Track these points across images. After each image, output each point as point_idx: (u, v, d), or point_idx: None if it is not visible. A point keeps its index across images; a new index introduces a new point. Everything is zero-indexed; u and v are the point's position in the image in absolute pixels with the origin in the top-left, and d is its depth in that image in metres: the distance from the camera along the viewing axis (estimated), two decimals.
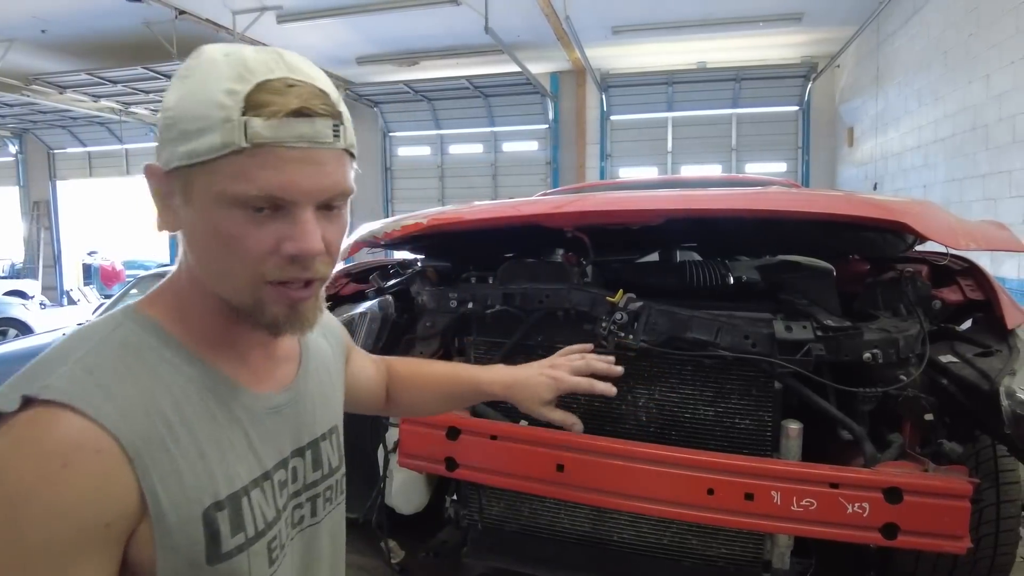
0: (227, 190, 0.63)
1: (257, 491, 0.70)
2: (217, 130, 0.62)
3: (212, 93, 0.63)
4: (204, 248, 0.67)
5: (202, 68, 0.65)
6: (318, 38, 9.58)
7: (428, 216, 1.73)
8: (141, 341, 0.67)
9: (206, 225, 0.65)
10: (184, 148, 0.63)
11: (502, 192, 11.91)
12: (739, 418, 1.67)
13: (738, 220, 1.83)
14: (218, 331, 0.71)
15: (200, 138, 0.62)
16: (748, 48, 9.92)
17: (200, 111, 0.62)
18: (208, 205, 0.64)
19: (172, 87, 0.66)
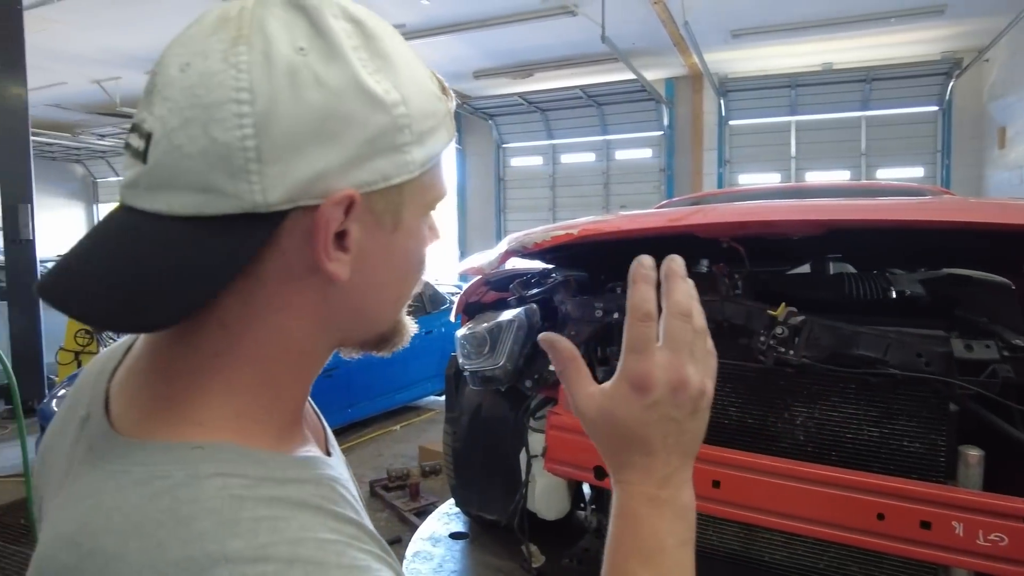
0: (437, 194, 0.52)
1: None
2: (443, 126, 0.50)
3: (424, 79, 0.49)
4: (392, 279, 0.52)
5: (390, 39, 0.47)
6: (438, 55, 9.94)
7: (579, 226, 1.76)
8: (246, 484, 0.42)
9: (408, 244, 0.51)
10: (421, 153, 0.47)
11: (614, 200, 11.85)
12: (908, 441, 1.58)
13: (898, 231, 1.73)
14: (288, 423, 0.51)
15: (434, 137, 0.48)
16: (880, 46, 9.34)
17: (429, 105, 0.48)
18: (417, 219, 0.50)
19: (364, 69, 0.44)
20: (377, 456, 5.16)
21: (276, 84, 0.41)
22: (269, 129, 0.40)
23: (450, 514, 2.57)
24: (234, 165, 0.40)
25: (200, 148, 0.40)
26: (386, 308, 0.53)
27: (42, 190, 7.81)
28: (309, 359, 0.50)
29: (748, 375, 1.72)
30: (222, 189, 0.41)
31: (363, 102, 0.43)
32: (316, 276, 0.46)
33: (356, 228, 0.45)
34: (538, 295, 2.10)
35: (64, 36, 8.82)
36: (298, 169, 0.42)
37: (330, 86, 0.42)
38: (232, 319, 0.45)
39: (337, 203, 0.43)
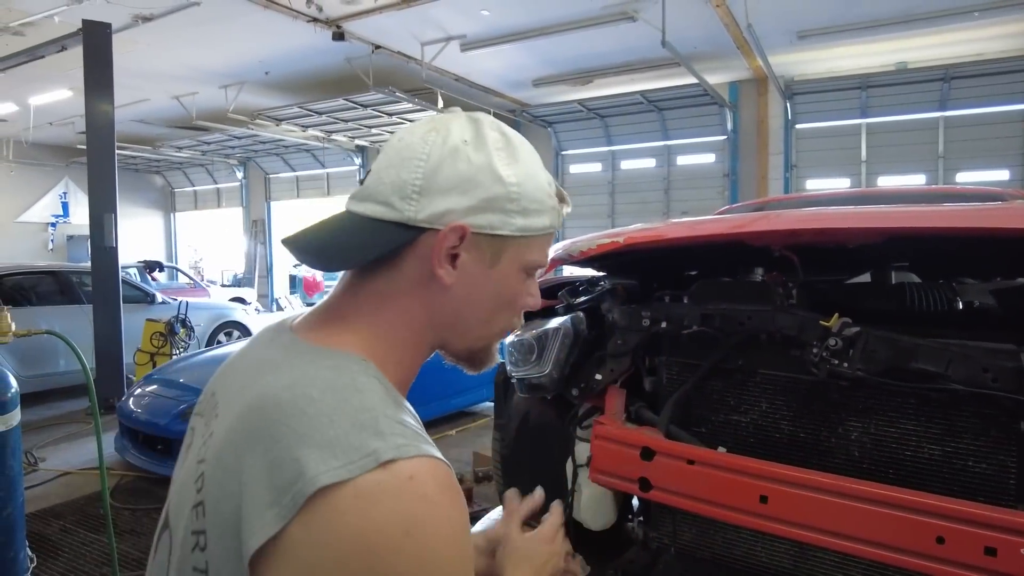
0: (534, 260, 0.75)
1: None
2: (547, 214, 0.74)
3: (542, 180, 0.74)
4: (487, 302, 0.75)
5: (525, 150, 0.74)
6: (497, 63, 10.03)
7: (625, 234, 1.74)
8: (390, 396, 0.68)
9: (500, 284, 0.74)
10: (522, 222, 0.72)
11: (675, 207, 11.66)
12: (973, 461, 1.49)
13: (967, 238, 1.64)
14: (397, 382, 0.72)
15: (537, 217, 0.73)
16: (960, 42, 8.87)
17: (539, 196, 0.73)
18: (513, 269, 0.74)
19: (499, 161, 0.70)
20: None
21: (444, 155, 0.69)
22: (432, 177, 0.68)
23: (499, 520, 2.57)
24: (405, 192, 0.68)
25: (391, 179, 0.69)
26: (476, 326, 0.76)
27: (124, 200, 8.29)
28: (418, 342, 0.74)
29: (800, 388, 1.67)
30: (394, 205, 0.69)
31: (491, 177, 0.70)
32: (432, 282, 0.71)
33: (465, 256, 0.70)
34: (586, 303, 2.09)
35: (148, 55, 9.34)
36: (440, 204, 0.68)
37: (475, 163, 0.69)
38: (381, 292, 0.72)
39: (453, 229, 0.68)
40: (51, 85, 10.73)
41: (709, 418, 1.79)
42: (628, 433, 1.73)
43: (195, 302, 7.28)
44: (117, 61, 6.26)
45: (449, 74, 10.37)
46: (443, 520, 0.59)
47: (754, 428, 1.71)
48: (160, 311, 6.79)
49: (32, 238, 16.84)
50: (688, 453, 1.59)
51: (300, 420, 0.59)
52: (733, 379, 1.75)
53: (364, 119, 12.03)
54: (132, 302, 6.65)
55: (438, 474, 0.61)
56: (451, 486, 0.61)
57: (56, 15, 7.43)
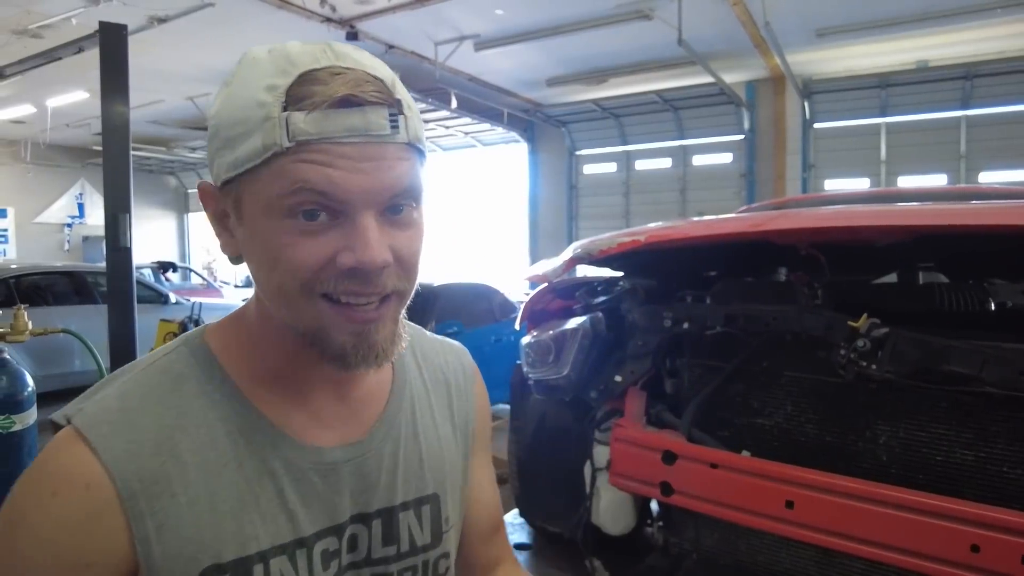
0: (271, 194, 0.54)
1: (281, 559, 0.60)
2: (258, 132, 0.53)
3: (253, 92, 0.55)
4: (258, 267, 0.59)
5: (244, 69, 0.57)
6: (511, 63, 10.01)
7: (647, 232, 1.71)
8: (185, 371, 0.61)
9: (257, 241, 0.57)
10: (229, 158, 0.56)
11: (691, 207, 11.57)
12: (1008, 466, 1.44)
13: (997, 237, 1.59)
14: (279, 367, 0.63)
15: (243, 144, 0.54)
16: (981, 40, 8.71)
17: (240, 114, 0.55)
18: (257, 217, 0.56)
19: (216, 96, 0.58)
20: None
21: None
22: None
23: (514, 524, 2.55)
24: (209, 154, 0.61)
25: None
26: (278, 296, 0.59)
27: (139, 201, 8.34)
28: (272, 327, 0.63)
29: (827, 390, 1.62)
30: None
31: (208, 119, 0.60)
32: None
33: (231, 219, 0.60)
34: (604, 303, 2.05)
35: (163, 57, 9.40)
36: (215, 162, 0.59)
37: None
38: None
39: (202, 193, 0.62)
40: (68, 87, 10.83)
41: (732, 421, 1.75)
42: (649, 436, 1.70)
43: (208, 303, 7.31)
44: (133, 62, 6.27)
45: (463, 74, 10.36)
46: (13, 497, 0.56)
47: (779, 432, 1.67)
48: (173, 311, 6.83)
49: (49, 239, 17.02)
50: (711, 457, 1.56)
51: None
52: (757, 381, 1.70)
53: None
54: (146, 302, 6.69)
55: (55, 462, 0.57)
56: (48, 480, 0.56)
57: (73, 17, 7.49)
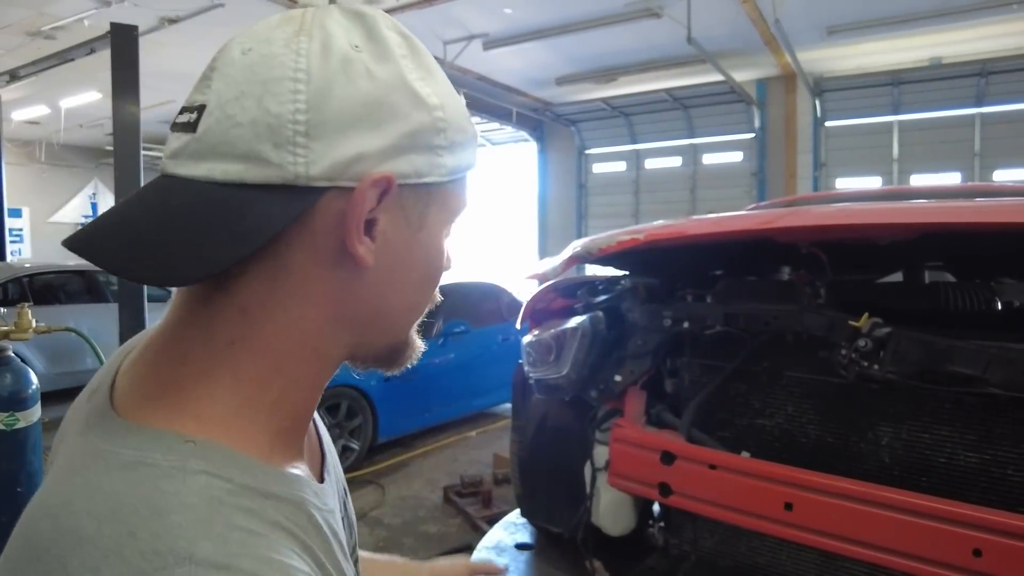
0: (460, 207, 0.54)
1: None
2: (471, 146, 0.53)
3: (459, 99, 0.52)
4: (409, 280, 0.52)
5: (431, 58, 0.51)
6: (520, 62, 10.00)
7: (646, 231, 1.69)
8: (229, 488, 0.42)
9: (427, 251, 0.52)
10: (452, 162, 0.50)
11: (701, 206, 11.52)
12: (1012, 469, 1.41)
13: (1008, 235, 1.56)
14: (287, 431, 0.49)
15: (463, 152, 0.52)
16: (997, 36, 8.60)
17: (463, 123, 0.52)
18: (439, 228, 0.53)
19: (411, 72, 0.47)
20: (453, 462, 5.21)
21: (331, 69, 0.43)
22: (321, 107, 0.42)
23: (517, 524, 2.54)
24: (282, 136, 0.42)
25: (251, 118, 0.42)
26: (401, 315, 0.54)
27: None
28: (322, 360, 0.50)
29: (828, 391, 1.60)
30: (267, 158, 0.42)
31: (408, 98, 0.46)
32: (341, 268, 0.47)
33: (384, 219, 0.47)
34: (605, 302, 2.04)
35: (174, 57, 9.46)
36: (342, 148, 0.43)
37: (380, 79, 0.45)
38: (254, 305, 0.45)
39: (375, 183, 0.45)
40: (81, 88, 10.94)
41: (733, 422, 1.73)
42: (648, 436, 1.68)
43: None
44: (144, 63, 6.34)
45: (472, 73, 10.36)
46: None
47: (779, 432, 1.65)
48: None
49: (63, 238, 17.21)
50: (710, 458, 1.54)
51: (73, 558, 0.37)
52: (758, 381, 1.68)
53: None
54: (156, 301, 6.74)
55: None
56: None
57: (86, 19, 7.56)
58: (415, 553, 3.66)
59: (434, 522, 4.15)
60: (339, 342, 0.50)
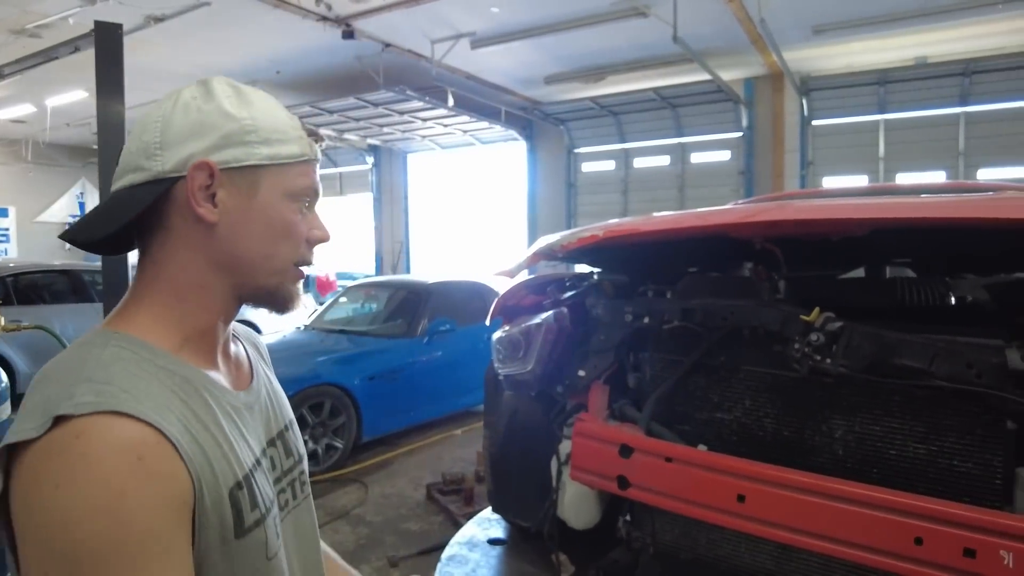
0: (296, 186, 0.81)
1: (259, 473, 0.80)
2: (294, 143, 0.81)
3: (281, 116, 0.81)
4: (260, 233, 0.79)
5: (259, 97, 0.81)
6: (508, 61, 10.01)
7: (605, 228, 1.71)
8: (133, 354, 0.71)
9: (268, 213, 0.79)
10: (268, 151, 0.78)
11: (689, 205, 11.55)
12: (958, 460, 1.44)
13: (963, 232, 1.58)
14: (203, 336, 0.80)
15: (282, 145, 0.79)
16: (981, 36, 8.67)
17: (278, 126, 0.80)
18: (275, 198, 0.79)
19: (229, 104, 0.77)
20: (437, 460, 5.22)
21: (176, 111, 0.76)
22: (167, 132, 0.75)
23: (491, 519, 2.55)
24: (149, 152, 0.75)
25: (135, 147, 0.76)
26: (260, 260, 0.80)
27: None
28: (211, 292, 0.79)
29: (783, 385, 1.62)
30: (142, 166, 0.75)
31: (222, 117, 0.77)
32: (200, 225, 0.76)
33: (223, 192, 0.77)
34: (571, 298, 2.06)
35: (160, 56, 9.44)
36: (181, 151, 0.75)
37: (204, 111, 0.76)
38: (159, 256, 0.78)
39: (198, 166, 0.75)
40: (67, 86, 10.89)
41: (692, 415, 1.75)
42: (607, 430, 1.70)
43: None
44: (130, 62, 6.30)
45: (460, 72, 10.37)
46: (98, 482, 0.60)
47: (737, 426, 1.67)
48: None
49: (50, 238, 17.08)
50: (666, 451, 1.56)
51: (28, 396, 0.67)
52: (716, 375, 1.71)
53: (375, 118, 12.07)
54: None
55: (116, 436, 0.63)
56: (128, 450, 0.62)
57: (70, 16, 7.53)
58: (396, 550, 3.67)
59: (416, 520, 4.16)
60: (220, 280, 0.79)
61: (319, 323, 6.59)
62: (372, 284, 7.65)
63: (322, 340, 5.88)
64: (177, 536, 0.65)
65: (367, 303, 7.00)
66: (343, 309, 6.97)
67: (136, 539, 0.61)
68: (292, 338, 6.15)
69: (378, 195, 16.29)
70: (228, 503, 0.72)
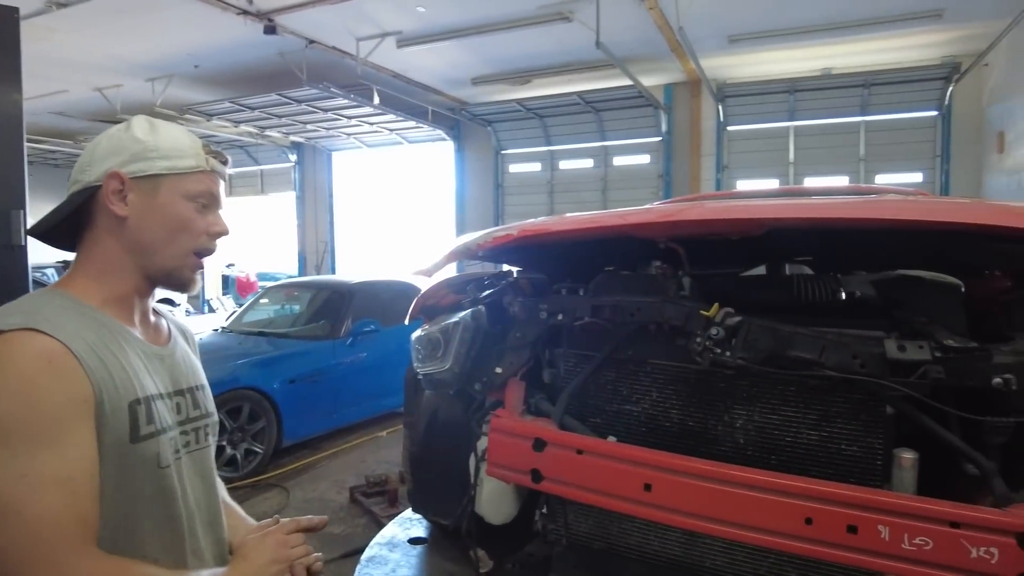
0: (192, 190, 1.09)
1: (160, 402, 1.05)
2: (192, 157, 1.10)
3: (183, 139, 1.11)
4: (159, 229, 1.06)
5: (166, 127, 1.11)
6: (435, 61, 9.97)
7: (519, 227, 1.74)
8: (64, 300, 1.01)
9: (167, 210, 1.07)
10: (166, 163, 1.07)
11: (612, 206, 11.82)
12: (846, 444, 1.55)
13: (854, 231, 1.70)
14: (122, 300, 1.07)
15: (179, 159, 1.08)
16: (879, 51, 9.29)
17: (178, 146, 1.09)
18: (174, 198, 1.08)
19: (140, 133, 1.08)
20: (361, 462, 5.15)
21: (103, 139, 1.08)
22: (94, 153, 1.07)
23: (413, 519, 2.54)
24: (81, 168, 1.07)
25: (77, 165, 1.08)
26: (160, 246, 1.08)
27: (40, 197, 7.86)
28: (124, 269, 1.07)
29: (688, 377, 1.70)
30: (77, 179, 1.06)
31: (132, 142, 1.07)
32: (115, 219, 1.05)
33: (132, 195, 1.06)
34: (488, 297, 2.08)
35: (66, 44, 8.90)
36: (103, 166, 1.05)
37: (122, 138, 1.07)
38: (89, 243, 1.07)
39: (111, 175, 1.04)
40: None
41: (604, 408, 1.80)
42: (521, 425, 1.73)
43: None
44: (30, 49, 5.93)
45: (386, 71, 10.26)
46: (14, 375, 0.87)
47: (645, 417, 1.74)
48: None
49: None
50: (577, 443, 1.60)
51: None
52: (625, 369, 1.77)
53: (299, 115, 11.78)
54: None
55: (32, 345, 0.90)
56: (41, 355, 0.89)
57: None
58: None
59: (339, 523, 4.10)
60: (131, 260, 1.07)
61: (237, 325, 6.37)
62: (294, 284, 7.47)
63: (240, 343, 5.69)
64: (79, 427, 0.90)
65: (288, 304, 6.82)
66: (263, 311, 6.77)
67: (41, 420, 0.87)
68: (209, 341, 5.92)
69: (301, 193, 15.89)
70: (127, 412, 0.96)
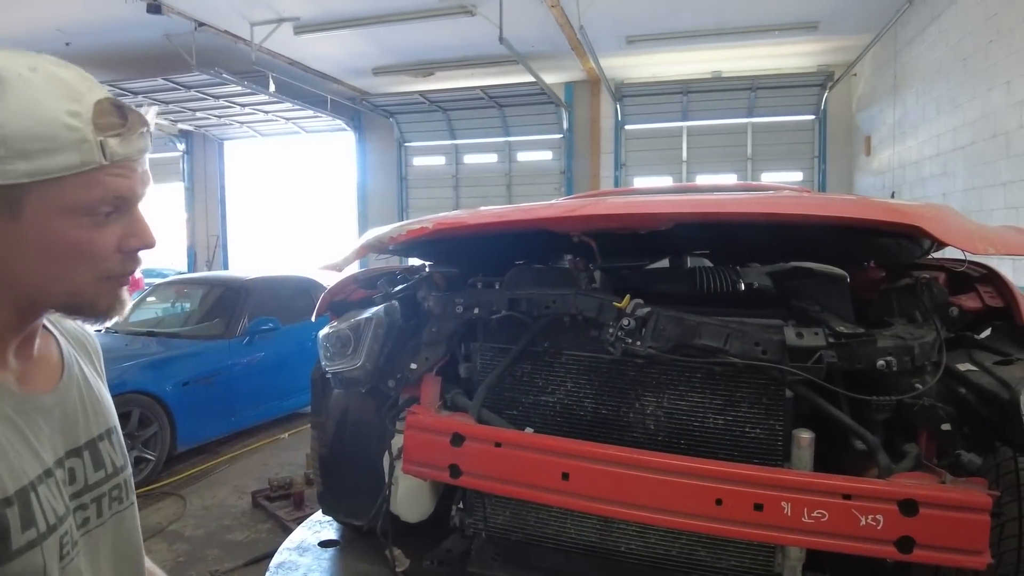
0: (80, 200, 0.67)
1: (44, 487, 0.70)
2: (72, 150, 0.65)
3: (52, 113, 0.64)
4: (37, 257, 0.68)
5: (16, 86, 0.63)
6: (335, 49, 9.68)
7: (434, 220, 1.72)
8: None
9: (45, 236, 0.67)
10: (25, 167, 0.63)
11: (516, 201, 11.92)
12: (749, 427, 1.64)
13: (749, 225, 1.80)
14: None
15: (49, 157, 0.64)
16: (764, 57, 9.89)
17: (42, 131, 0.63)
18: (49, 217, 0.66)
19: None
20: (263, 466, 4.93)
21: None
22: None
23: (323, 522, 2.47)
24: None
25: None
26: (46, 283, 0.70)
27: None
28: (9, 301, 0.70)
29: (601, 367, 1.74)
30: None
31: None
32: None
33: None
34: (401, 292, 2.04)
35: None
36: None
37: None
38: None
39: None
40: None
41: (520, 400, 1.82)
42: (439, 420, 1.72)
43: None
44: None
45: (283, 57, 9.85)
46: None
47: (561, 408, 1.76)
48: None
49: None
50: (495, 436, 1.61)
51: None
52: (541, 361, 1.79)
53: (188, 101, 11.10)
54: None
55: None
56: None
57: None
58: (220, 563, 3.42)
59: (242, 529, 3.91)
60: (16, 291, 0.70)
61: (124, 325, 5.93)
62: (184, 281, 7.03)
63: (127, 344, 5.30)
64: None
65: (179, 302, 6.43)
66: (151, 309, 6.34)
67: None
68: None
69: (190, 185, 14.99)
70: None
